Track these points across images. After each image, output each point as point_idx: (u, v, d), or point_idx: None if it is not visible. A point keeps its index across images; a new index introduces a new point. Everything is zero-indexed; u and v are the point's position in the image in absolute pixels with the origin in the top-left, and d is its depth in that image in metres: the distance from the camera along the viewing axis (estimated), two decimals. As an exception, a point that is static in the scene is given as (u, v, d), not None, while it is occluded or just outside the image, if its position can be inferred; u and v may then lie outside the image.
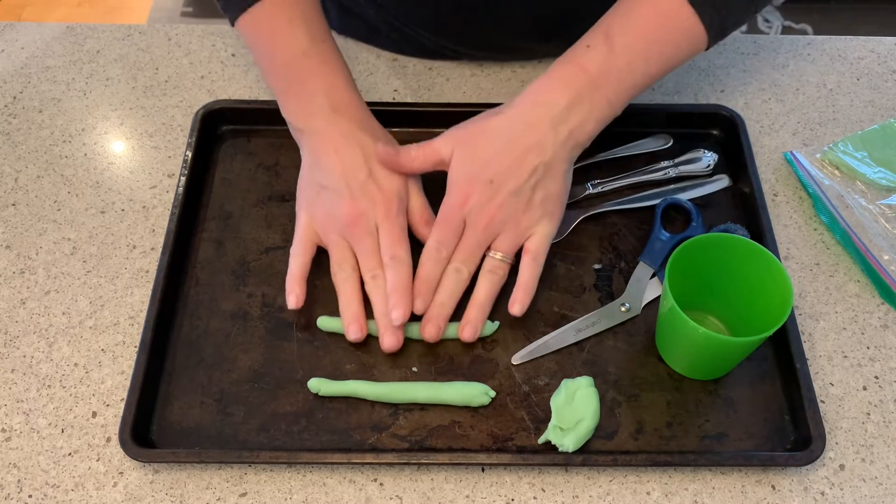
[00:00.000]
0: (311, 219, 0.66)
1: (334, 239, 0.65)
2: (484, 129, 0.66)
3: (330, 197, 0.65)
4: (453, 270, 0.64)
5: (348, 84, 0.68)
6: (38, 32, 0.87)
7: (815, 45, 0.86)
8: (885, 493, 0.59)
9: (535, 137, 0.64)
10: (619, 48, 0.64)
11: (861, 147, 0.75)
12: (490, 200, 0.63)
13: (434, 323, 0.63)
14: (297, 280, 0.64)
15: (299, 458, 0.58)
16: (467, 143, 0.65)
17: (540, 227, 0.65)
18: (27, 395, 0.63)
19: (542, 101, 0.65)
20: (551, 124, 0.64)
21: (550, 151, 0.64)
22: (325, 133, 0.66)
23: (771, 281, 0.59)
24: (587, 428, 0.58)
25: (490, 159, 0.64)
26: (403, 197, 0.66)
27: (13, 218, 0.73)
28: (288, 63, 0.67)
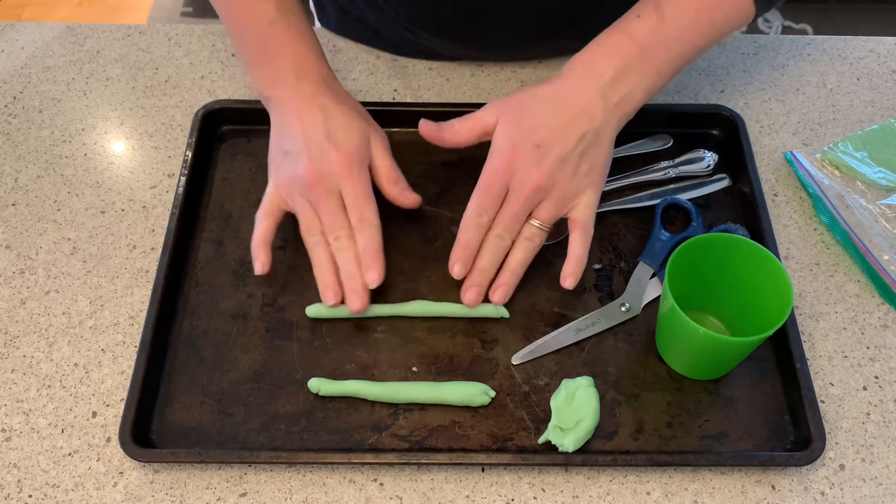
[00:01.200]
0: (277, 184, 0.66)
1: (300, 203, 0.65)
2: (531, 96, 0.65)
3: (291, 160, 0.65)
4: (495, 237, 0.63)
5: (315, 52, 0.69)
6: (38, 32, 0.87)
7: (815, 45, 0.86)
8: (885, 493, 0.59)
9: (584, 104, 0.63)
10: (669, 18, 0.63)
11: (861, 147, 0.75)
12: (536, 166, 0.62)
13: (475, 289, 0.63)
14: (261, 245, 0.65)
15: (299, 458, 0.58)
16: (513, 109, 0.64)
17: (584, 196, 0.64)
18: (27, 395, 0.63)
19: (592, 69, 0.64)
20: (600, 92, 0.63)
21: (600, 118, 0.63)
22: (289, 100, 0.67)
23: (771, 281, 0.59)
24: (587, 428, 0.58)
25: (537, 124, 0.63)
26: (364, 154, 0.66)
27: (13, 218, 0.73)
28: (256, 33, 0.68)
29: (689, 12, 0.64)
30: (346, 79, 0.82)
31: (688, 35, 0.64)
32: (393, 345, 0.65)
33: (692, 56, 0.65)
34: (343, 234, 0.64)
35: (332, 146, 0.64)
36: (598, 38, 0.66)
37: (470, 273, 0.64)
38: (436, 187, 0.74)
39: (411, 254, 0.69)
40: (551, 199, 0.63)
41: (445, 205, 0.72)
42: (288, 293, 0.67)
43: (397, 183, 0.67)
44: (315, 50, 0.69)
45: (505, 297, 0.64)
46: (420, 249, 0.70)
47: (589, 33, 0.81)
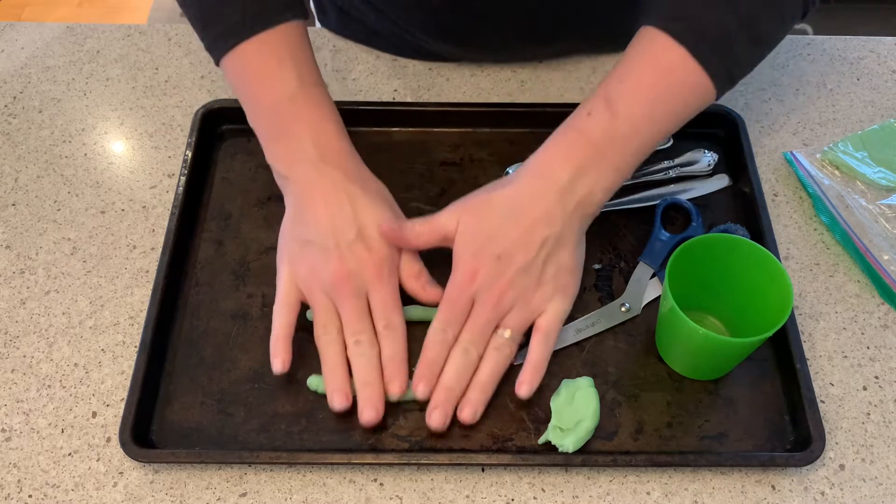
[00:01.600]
0: (294, 275, 0.62)
1: (319, 298, 0.61)
2: (488, 201, 0.62)
3: (315, 253, 0.62)
4: (461, 351, 0.60)
5: (338, 131, 0.66)
6: (38, 32, 0.87)
7: (815, 45, 0.86)
8: (885, 493, 0.59)
9: (543, 209, 0.61)
10: (621, 113, 0.60)
11: (861, 147, 0.75)
12: (499, 277, 0.60)
13: (441, 409, 0.59)
14: (283, 342, 0.61)
15: (299, 459, 0.58)
16: (472, 216, 0.62)
17: (553, 303, 0.61)
18: (27, 395, 0.63)
19: (548, 173, 0.62)
20: (558, 195, 0.61)
21: (560, 223, 0.61)
22: (311, 182, 0.63)
23: (771, 281, 0.59)
24: (587, 428, 0.58)
25: (496, 233, 0.61)
26: (395, 258, 0.63)
27: (13, 218, 0.73)
28: (275, 106, 0.64)
29: (643, 105, 0.61)
30: (346, 79, 0.82)
31: (644, 128, 0.61)
32: (393, 345, 0.65)
33: (654, 143, 0.62)
34: (365, 339, 0.60)
35: (364, 247, 0.62)
36: (553, 137, 0.63)
37: (435, 391, 0.59)
38: (436, 187, 0.74)
39: (411, 254, 0.69)
40: (518, 309, 0.61)
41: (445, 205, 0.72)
42: (288, 293, 0.67)
43: (419, 278, 0.64)
44: (339, 128, 0.66)
45: (474, 416, 0.59)
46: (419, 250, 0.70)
47: (588, 35, 0.81)
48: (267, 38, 0.63)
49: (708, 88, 0.61)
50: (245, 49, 0.63)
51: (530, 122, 0.77)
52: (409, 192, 0.73)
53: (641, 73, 0.61)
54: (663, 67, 0.60)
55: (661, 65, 0.60)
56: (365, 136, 0.76)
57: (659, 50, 0.60)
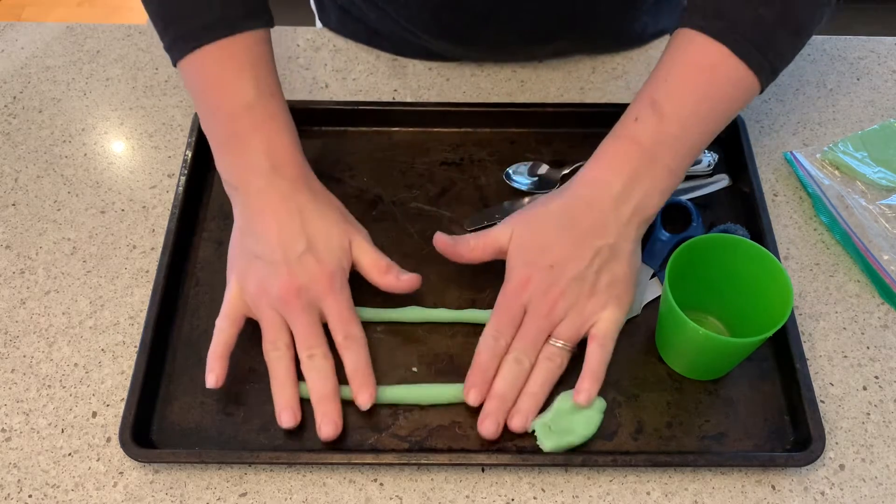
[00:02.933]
0: (242, 290, 0.61)
1: (268, 313, 0.60)
2: (542, 213, 0.62)
3: (264, 268, 0.60)
4: (513, 361, 0.59)
5: (292, 143, 0.64)
6: (38, 32, 0.87)
7: (815, 45, 0.86)
8: (885, 493, 0.59)
9: (596, 219, 0.60)
10: (668, 115, 0.60)
11: (861, 147, 0.75)
12: (552, 286, 0.60)
13: (493, 418, 0.58)
14: (219, 358, 0.60)
15: (299, 459, 0.58)
16: (525, 228, 0.62)
17: (606, 312, 0.60)
18: (27, 395, 0.63)
19: (600, 182, 0.61)
20: (612, 205, 0.60)
21: (614, 233, 0.60)
22: (261, 195, 0.62)
23: (771, 281, 0.59)
24: (570, 442, 0.58)
25: (549, 244, 0.61)
26: (346, 267, 0.62)
27: (13, 218, 0.73)
28: (230, 115, 0.62)
29: (688, 104, 0.60)
30: (346, 79, 0.82)
31: (692, 127, 0.61)
32: (392, 345, 0.65)
33: (703, 144, 0.62)
34: (318, 353, 0.60)
35: (314, 259, 0.60)
36: (602, 147, 0.63)
37: (487, 400, 0.59)
38: (436, 187, 0.74)
39: (411, 255, 0.69)
40: (571, 318, 0.60)
41: (445, 205, 0.73)
42: (288, 293, 0.67)
43: (389, 272, 0.63)
44: (293, 139, 0.64)
45: (524, 425, 0.58)
46: (420, 250, 0.70)
47: (588, 35, 0.81)
48: (227, 44, 0.61)
49: (752, 83, 0.61)
50: (204, 54, 0.62)
51: (530, 122, 0.77)
52: (410, 192, 0.73)
53: (685, 74, 0.61)
54: (706, 66, 0.60)
55: (703, 64, 0.60)
56: (365, 135, 0.76)
57: (699, 50, 0.60)
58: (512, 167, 0.74)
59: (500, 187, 0.73)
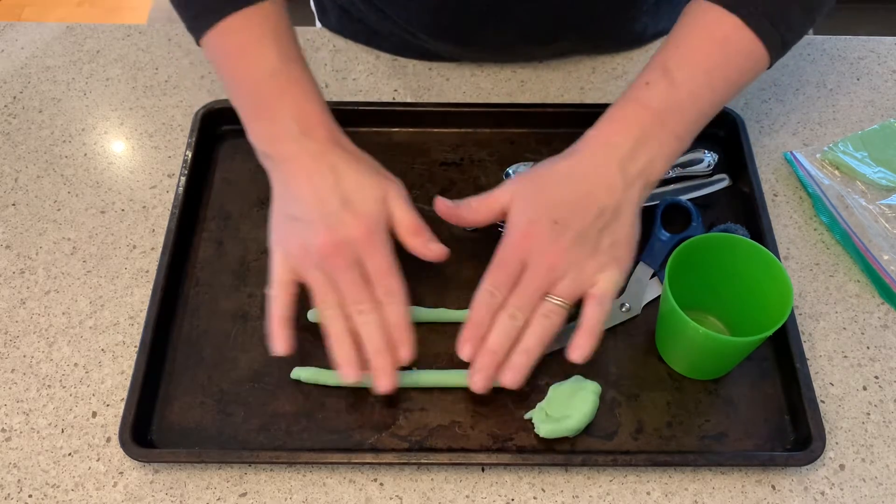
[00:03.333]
0: (286, 254, 0.61)
1: (313, 274, 0.60)
2: (547, 172, 0.62)
3: (303, 229, 0.60)
4: (507, 317, 0.58)
5: (319, 105, 0.64)
6: (38, 32, 0.87)
7: (815, 45, 0.86)
8: (885, 493, 0.59)
9: (603, 178, 0.60)
10: (679, 81, 0.61)
11: (861, 147, 0.75)
12: (553, 243, 0.59)
13: (484, 373, 0.58)
14: (281, 322, 0.60)
15: (299, 458, 0.58)
16: (529, 186, 0.62)
17: (606, 273, 0.60)
18: (27, 395, 0.63)
19: (608, 143, 0.61)
20: (619, 165, 0.60)
21: (619, 193, 0.60)
22: (294, 159, 0.62)
23: (771, 281, 0.59)
24: (568, 427, 0.58)
25: (555, 200, 0.60)
26: (383, 220, 0.61)
27: (13, 218, 0.73)
28: (255, 83, 0.63)
29: (700, 72, 0.61)
30: (346, 79, 0.82)
31: (702, 95, 0.61)
32: (393, 345, 0.65)
33: (710, 114, 0.63)
34: (367, 308, 0.59)
35: (350, 213, 0.60)
36: (611, 110, 0.63)
37: (478, 355, 0.58)
38: (436, 187, 0.74)
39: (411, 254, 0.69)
40: (570, 277, 0.59)
41: (445, 205, 0.72)
42: (288, 293, 0.67)
43: (420, 234, 0.62)
44: (320, 102, 0.64)
45: (516, 381, 0.58)
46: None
47: (588, 35, 0.81)
48: (247, 14, 0.62)
49: (762, 55, 0.61)
50: (225, 26, 0.62)
51: (530, 122, 0.77)
52: (410, 192, 0.73)
53: (698, 43, 0.62)
54: (718, 37, 0.61)
55: (716, 34, 0.61)
56: (365, 136, 0.75)
57: (712, 20, 0.61)
58: (512, 167, 0.74)
59: (500, 187, 0.73)
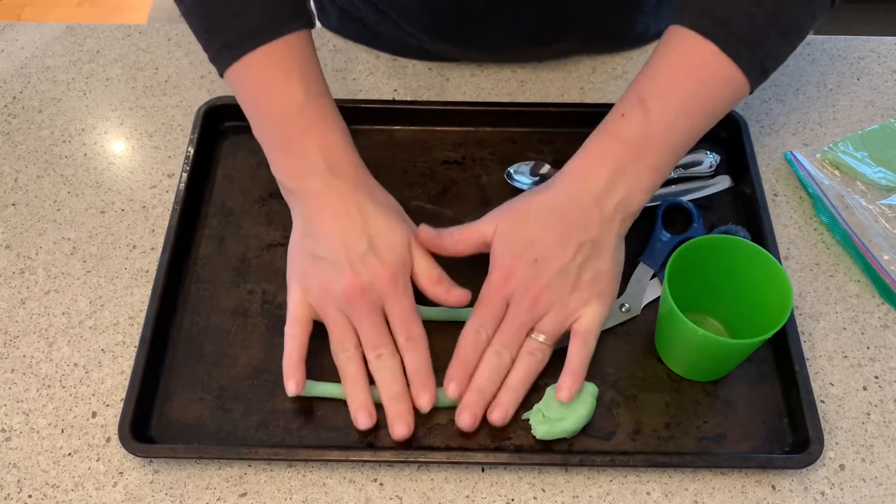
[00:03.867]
0: (306, 292, 0.61)
1: (333, 315, 0.60)
2: (526, 206, 0.62)
3: (327, 269, 0.60)
4: (493, 353, 0.60)
5: (346, 142, 0.64)
6: (38, 32, 0.87)
7: (815, 45, 0.86)
8: (885, 493, 0.59)
9: (580, 214, 0.61)
10: (654, 112, 0.60)
11: (861, 147, 0.75)
12: (535, 280, 0.59)
13: (471, 411, 0.58)
14: (296, 365, 0.60)
15: (298, 456, 0.58)
16: (510, 221, 0.62)
17: (589, 308, 0.60)
18: (27, 395, 0.63)
19: (585, 177, 0.62)
20: (595, 200, 0.60)
21: (597, 228, 0.60)
22: (320, 196, 0.62)
23: (771, 283, 0.59)
24: (564, 428, 0.58)
25: (533, 238, 0.61)
26: (408, 266, 0.62)
27: (13, 218, 0.73)
28: (282, 118, 0.63)
29: (675, 102, 0.60)
30: (346, 79, 0.82)
31: (678, 125, 0.61)
32: (393, 344, 0.65)
33: (689, 143, 0.62)
34: (386, 353, 0.60)
35: (377, 259, 0.60)
36: (587, 144, 0.63)
37: (466, 392, 0.59)
38: (437, 186, 0.74)
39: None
40: (554, 313, 0.60)
41: (447, 204, 0.73)
42: (288, 293, 0.67)
43: (440, 283, 0.63)
44: (346, 139, 0.64)
45: (504, 419, 0.59)
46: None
47: (588, 35, 0.81)
48: (273, 48, 0.62)
49: (741, 82, 0.60)
50: (251, 60, 0.62)
51: (532, 121, 0.77)
52: (411, 191, 0.73)
53: (672, 71, 0.61)
54: (694, 64, 0.60)
55: (692, 62, 0.60)
56: (367, 134, 0.76)
57: (688, 47, 0.60)
58: (513, 167, 0.74)
59: (501, 187, 0.73)
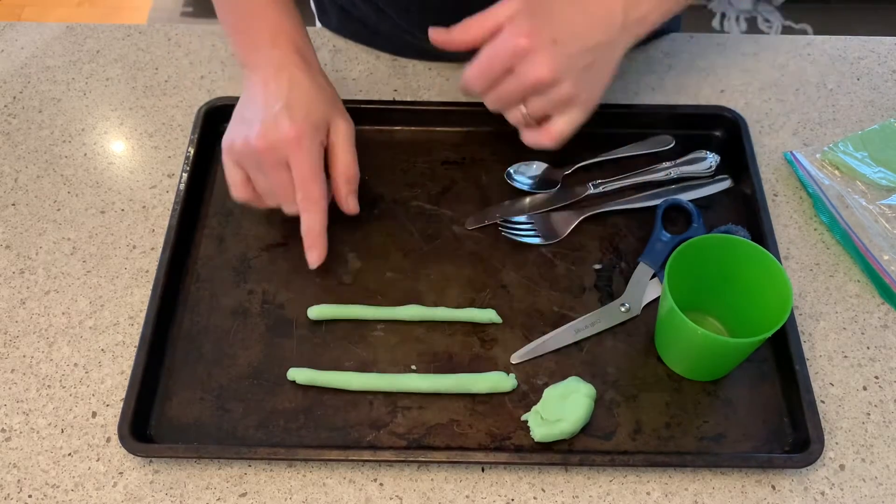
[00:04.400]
0: (231, 149, 0.65)
1: (252, 170, 0.65)
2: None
3: (245, 127, 0.64)
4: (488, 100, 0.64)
5: (293, 20, 0.68)
6: (38, 32, 0.87)
7: (815, 45, 0.86)
8: (885, 493, 0.59)
9: (607, 12, 0.62)
10: None
11: (861, 147, 0.75)
12: (548, 59, 0.60)
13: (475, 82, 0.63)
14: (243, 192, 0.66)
15: (297, 455, 0.58)
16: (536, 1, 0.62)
17: (573, 112, 0.63)
18: (27, 395, 0.63)
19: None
20: (623, 6, 0.62)
21: (615, 33, 0.62)
22: (261, 67, 0.66)
23: (770, 282, 0.59)
24: (562, 430, 0.58)
25: (559, 17, 0.61)
26: (320, 130, 0.64)
27: (13, 218, 0.73)
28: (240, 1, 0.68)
29: None
30: (346, 78, 0.82)
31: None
32: (392, 343, 0.65)
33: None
34: (289, 207, 0.65)
35: (287, 118, 0.63)
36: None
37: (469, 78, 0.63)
38: (437, 186, 0.74)
39: (411, 252, 0.70)
40: (545, 100, 0.62)
41: (446, 204, 0.73)
42: (288, 290, 0.67)
43: (349, 182, 0.66)
44: (294, 19, 0.68)
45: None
46: (420, 248, 0.70)
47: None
48: None
49: None
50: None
51: (530, 121, 0.77)
52: (412, 191, 0.73)
53: None
54: None
55: None
56: (367, 134, 0.76)
57: None
58: (513, 167, 0.74)
59: (501, 187, 0.74)
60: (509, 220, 0.71)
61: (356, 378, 0.62)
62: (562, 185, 0.73)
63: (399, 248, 0.70)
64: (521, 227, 0.70)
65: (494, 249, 0.70)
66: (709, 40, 0.86)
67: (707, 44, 0.85)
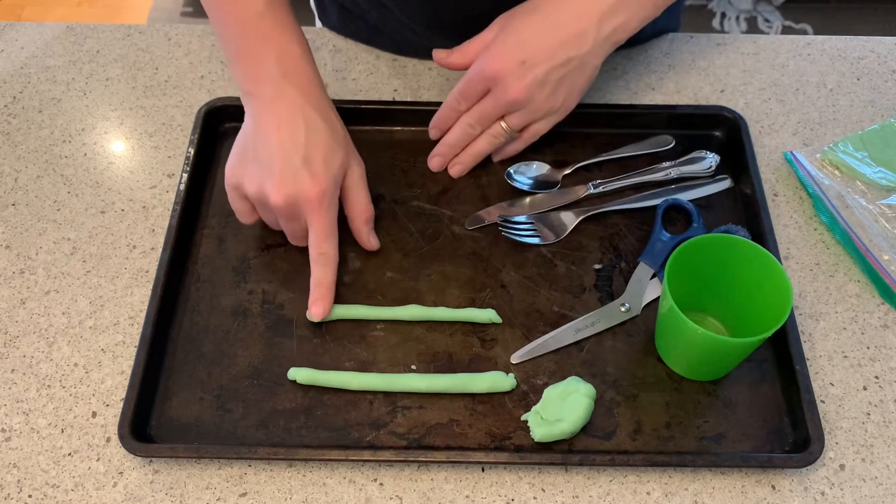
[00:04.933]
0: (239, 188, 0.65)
1: (266, 214, 0.66)
2: (532, 9, 0.67)
3: (259, 171, 0.63)
4: (466, 124, 0.70)
5: (302, 51, 0.67)
6: (38, 32, 0.87)
7: (815, 45, 0.86)
8: (885, 493, 0.59)
9: (579, 29, 0.65)
10: None
11: (861, 147, 0.75)
12: (517, 80, 0.65)
13: (439, 158, 0.72)
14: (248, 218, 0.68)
15: (297, 455, 0.58)
16: (512, 20, 0.67)
17: (552, 117, 0.69)
18: (27, 395, 0.63)
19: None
20: (599, 18, 0.64)
21: (589, 46, 0.65)
22: (271, 102, 0.65)
23: (770, 282, 0.59)
24: (562, 430, 0.58)
25: (529, 39, 0.65)
26: (338, 185, 0.65)
27: (13, 218, 0.73)
28: (241, 25, 0.65)
29: None
30: (346, 78, 0.82)
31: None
32: (392, 343, 0.65)
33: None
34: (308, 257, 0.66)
35: (308, 173, 0.62)
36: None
37: (439, 144, 0.72)
38: (436, 186, 0.74)
39: (411, 252, 0.70)
40: (522, 113, 0.68)
41: (446, 203, 0.73)
42: (288, 290, 0.67)
43: (368, 223, 0.68)
44: (303, 48, 0.67)
45: (460, 173, 0.73)
46: (420, 248, 0.70)
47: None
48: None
49: None
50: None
51: (530, 121, 0.77)
52: (411, 191, 0.73)
53: None
54: None
55: None
56: (367, 134, 0.76)
57: None
58: (513, 167, 0.74)
59: (501, 187, 0.74)
60: (509, 220, 0.71)
61: (356, 378, 0.62)
62: (562, 185, 0.73)
63: (399, 248, 0.70)
64: (520, 227, 0.70)
65: (494, 249, 0.70)
66: (709, 40, 0.86)
67: (707, 44, 0.85)
